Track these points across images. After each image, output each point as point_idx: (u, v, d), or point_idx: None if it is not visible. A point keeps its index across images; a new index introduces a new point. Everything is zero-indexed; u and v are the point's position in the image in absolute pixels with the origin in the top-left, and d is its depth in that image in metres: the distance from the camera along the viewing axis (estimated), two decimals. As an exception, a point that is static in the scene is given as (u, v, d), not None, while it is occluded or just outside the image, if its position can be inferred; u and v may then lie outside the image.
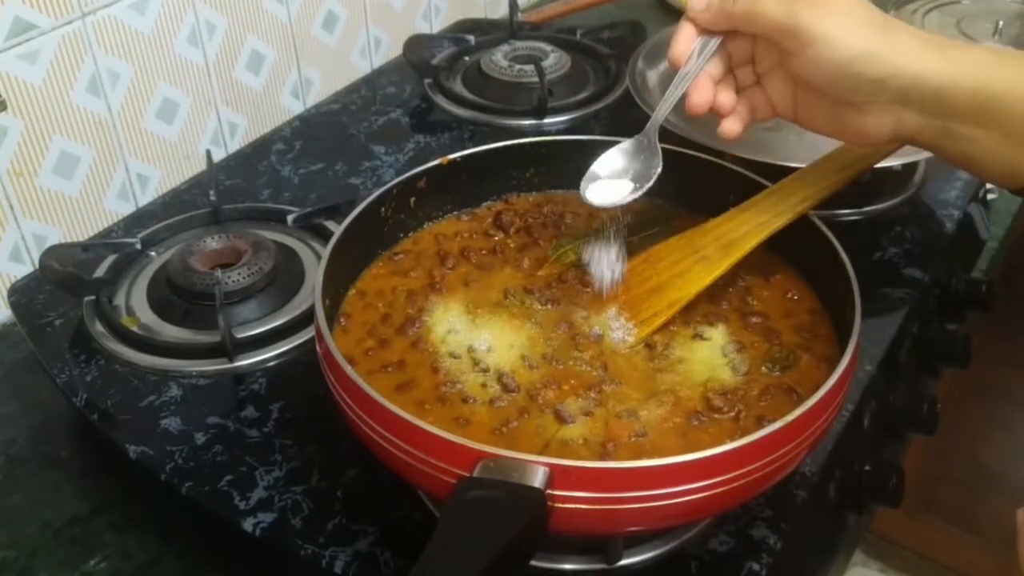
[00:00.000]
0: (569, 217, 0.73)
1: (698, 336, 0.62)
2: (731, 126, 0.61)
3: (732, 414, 0.56)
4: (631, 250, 0.68)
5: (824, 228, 0.63)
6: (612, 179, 0.62)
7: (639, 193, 0.61)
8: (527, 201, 0.76)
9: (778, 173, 0.70)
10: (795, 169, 0.74)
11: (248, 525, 0.61)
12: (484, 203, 0.75)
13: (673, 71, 0.91)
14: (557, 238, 0.71)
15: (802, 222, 0.65)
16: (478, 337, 0.62)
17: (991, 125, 0.53)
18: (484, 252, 0.70)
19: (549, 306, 0.65)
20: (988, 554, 1.72)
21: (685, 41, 0.60)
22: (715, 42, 0.60)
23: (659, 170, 0.61)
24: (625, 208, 0.62)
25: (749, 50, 0.60)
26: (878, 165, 0.85)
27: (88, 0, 0.85)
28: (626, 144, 0.63)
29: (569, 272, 0.67)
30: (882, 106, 0.55)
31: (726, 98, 0.61)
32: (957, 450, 1.65)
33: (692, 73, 0.60)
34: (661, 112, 0.62)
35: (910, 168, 0.92)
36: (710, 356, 0.61)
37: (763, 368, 0.60)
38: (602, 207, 0.61)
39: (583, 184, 0.62)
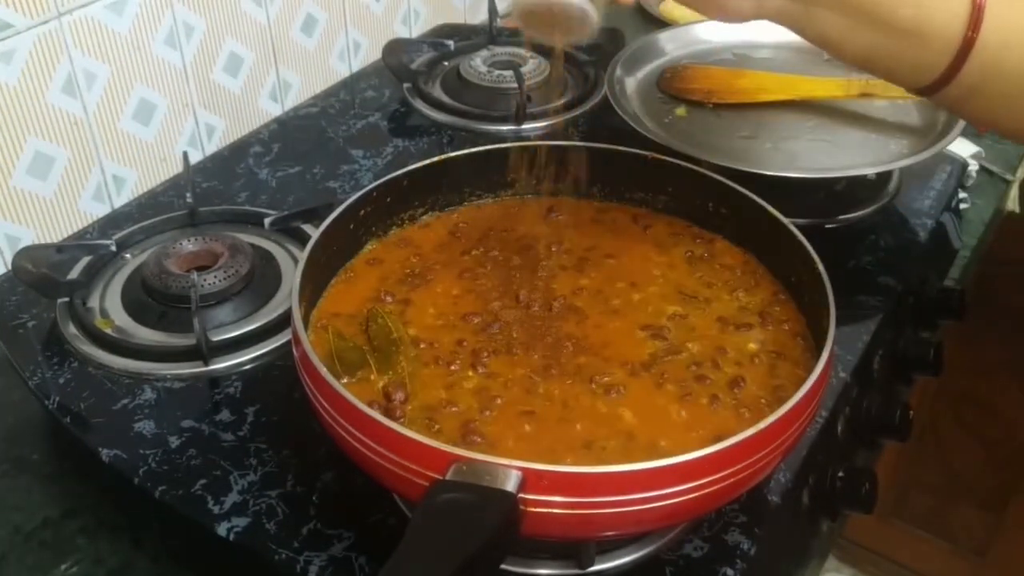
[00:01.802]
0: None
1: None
2: None
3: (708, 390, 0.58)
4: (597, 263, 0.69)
5: (800, 236, 0.64)
6: None
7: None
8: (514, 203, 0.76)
9: (754, 180, 0.71)
10: (771, 177, 0.75)
11: (222, 530, 0.61)
12: (464, 206, 0.76)
13: (651, 79, 0.92)
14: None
15: (779, 230, 0.65)
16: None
17: (846, 9, 0.57)
18: (465, 258, 0.71)
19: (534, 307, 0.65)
20: (959, 559, 1.74)
21: None
22: None
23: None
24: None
25: None
26: (853, 174, 0.87)
27: (64, 0, 0.84)
28: None
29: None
30: None
31: None
32: (929, 457, 1.67)
33: None
34: None
35: (884, 177, 0.93)
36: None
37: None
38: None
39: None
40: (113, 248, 0.83)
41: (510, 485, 0.46)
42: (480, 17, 1.38)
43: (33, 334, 0.76)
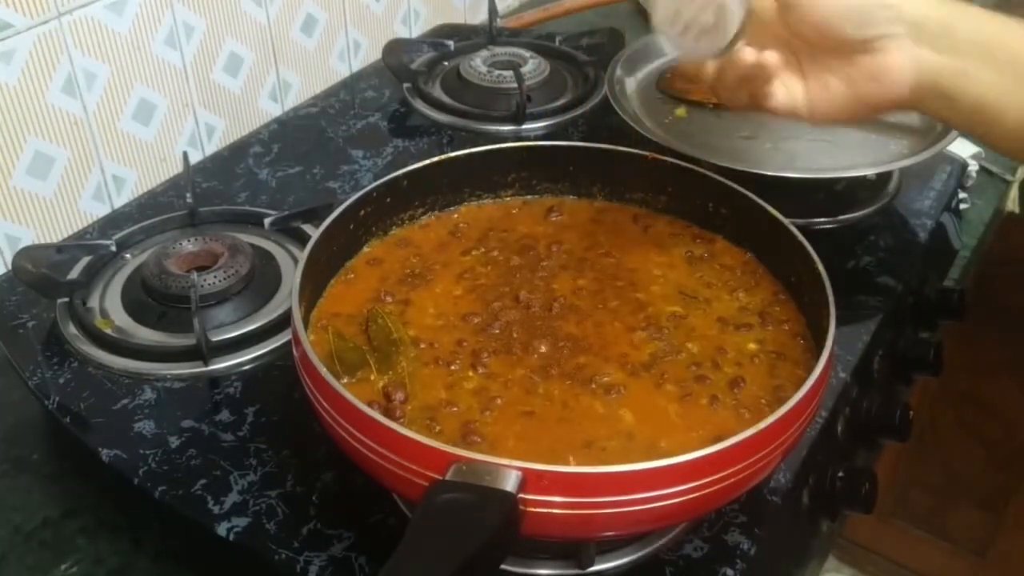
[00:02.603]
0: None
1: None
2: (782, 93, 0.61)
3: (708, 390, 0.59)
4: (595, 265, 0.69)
5: (800, 236, 0.64)
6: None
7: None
8: (514, 203, 0.76)
9: (754, 181, 0.71)
10: (771, 177, 0.74)
11: (222, 530, 0.61)
12: (464, 206, 0.76)
13: (651, 79, 0.91)
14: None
15: (779, 231, 0.65)
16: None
17: (998, 60, 0.55)
18: (465, 258, 0.71)
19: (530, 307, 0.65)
20: (959, 559, 1.74)
21: None
22: None
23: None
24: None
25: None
26: (853, 175, 0.87)
27: (65, 0, 0.84)
28: None
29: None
30: (898, 41, 0.56)
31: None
32: (929, 456, 1.67)
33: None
34: None
35: (884, 178, 0.93)
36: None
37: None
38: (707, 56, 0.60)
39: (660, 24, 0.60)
40: (113, 248, 0.83)
41: (510, 485, 0.46)
42: (480, 17, 1.38)
43: (33, 334, 0.76)
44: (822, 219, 0.88)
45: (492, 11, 1.20)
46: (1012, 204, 1.11)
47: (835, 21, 0.57)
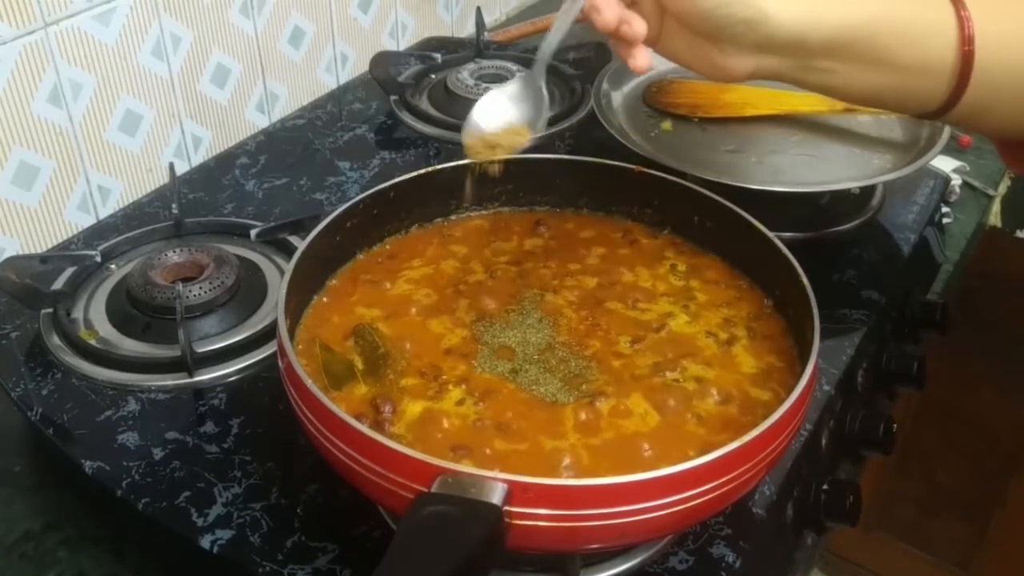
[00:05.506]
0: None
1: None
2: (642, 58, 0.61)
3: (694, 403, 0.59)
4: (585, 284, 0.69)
5: (785, 250, 0.64)
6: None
7: (531, 141, 0.64)
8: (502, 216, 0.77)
9: (739, 194, 0.72)
10: (756, 191, 0.74)
11: (206, 542, 0.60)
12: (452, 218, 0.76)
13: (637, 93, 0.92)
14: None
15: (764, 244, 0.66)
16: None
17: (846, 58, 0.57)
18: (452, 271, 0.71)
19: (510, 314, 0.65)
20: (942, 572, 1.74)
21: None
22: None
23: (548, 114, 0.64)
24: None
25: None
26: (837, 188, 0.88)
27: (51, 10, 0.84)
28: (511, 86, 0.66)
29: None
30: (742, 49, 0.57)
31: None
32: (912, 469, 1.68)
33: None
34: (547, 47, 0.65)
35: (868, 192, 0.94)
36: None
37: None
38: (491, 160, 0.64)
39: (465, 135, 0.64)
40: (98, 259, 0.83)
41: (495, 497, 0.46)
42: (467, 30, 1.38)
43: (16, 345, 0.76)
44: (806, 232, 0.88)
45: (479, 24, 1.20)
46: (994, 219, 1.12)
47: (693, 20, 0.57)
